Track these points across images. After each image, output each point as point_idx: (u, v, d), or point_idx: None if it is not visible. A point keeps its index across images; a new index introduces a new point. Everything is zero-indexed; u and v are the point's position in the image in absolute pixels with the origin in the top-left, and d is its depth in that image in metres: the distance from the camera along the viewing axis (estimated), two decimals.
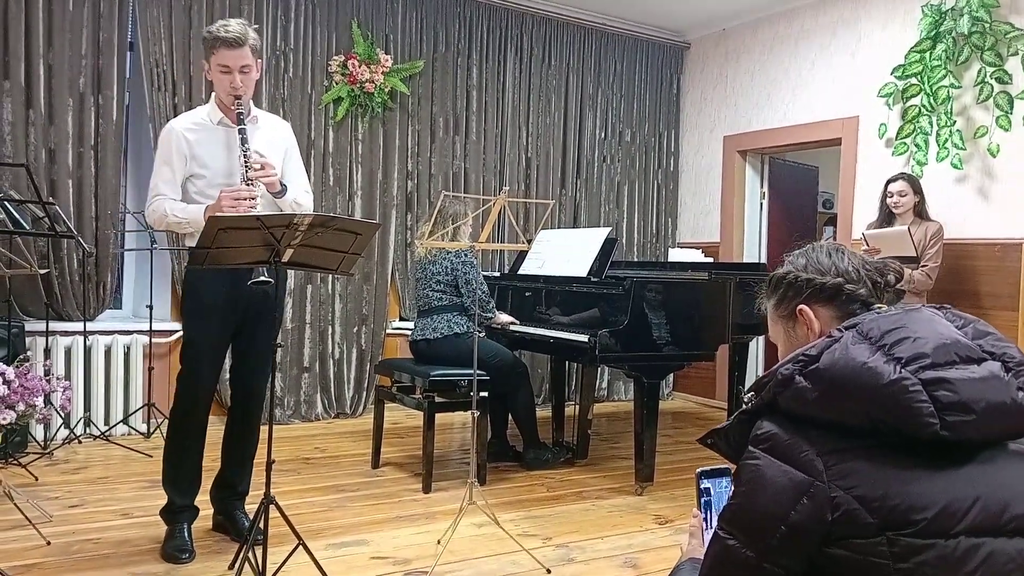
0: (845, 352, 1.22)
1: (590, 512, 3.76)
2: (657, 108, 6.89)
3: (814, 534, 1.17)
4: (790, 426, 1.23)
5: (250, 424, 3.22)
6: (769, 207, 6.66)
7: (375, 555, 3.13)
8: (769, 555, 1.20)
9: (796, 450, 1.20)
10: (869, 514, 1.14)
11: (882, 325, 1.25)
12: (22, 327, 4.47)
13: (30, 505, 3.36)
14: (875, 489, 1.15)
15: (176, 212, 2.99)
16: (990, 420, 1.18)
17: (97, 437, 4.71)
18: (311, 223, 2.55)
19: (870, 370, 1.19)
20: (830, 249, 1.50)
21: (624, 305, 3.99)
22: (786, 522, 1.18)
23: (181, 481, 3.11)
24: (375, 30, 5.62)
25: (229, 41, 2.93)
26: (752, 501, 1.23)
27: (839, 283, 1.43)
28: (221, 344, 3.11)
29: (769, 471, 1.21)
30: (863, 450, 1.18)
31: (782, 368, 1.26)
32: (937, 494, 1.15)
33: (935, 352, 1.20)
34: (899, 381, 1.17)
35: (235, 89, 2.95)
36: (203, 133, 3.05)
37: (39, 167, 4.58)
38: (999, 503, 1.17)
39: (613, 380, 6.79)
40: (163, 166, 3.03)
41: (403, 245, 5.85)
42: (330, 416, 5.61)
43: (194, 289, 3.04)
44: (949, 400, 1.16)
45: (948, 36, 4.95)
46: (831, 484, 1.16)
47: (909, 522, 1.13)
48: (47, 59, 4.63)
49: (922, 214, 4.73)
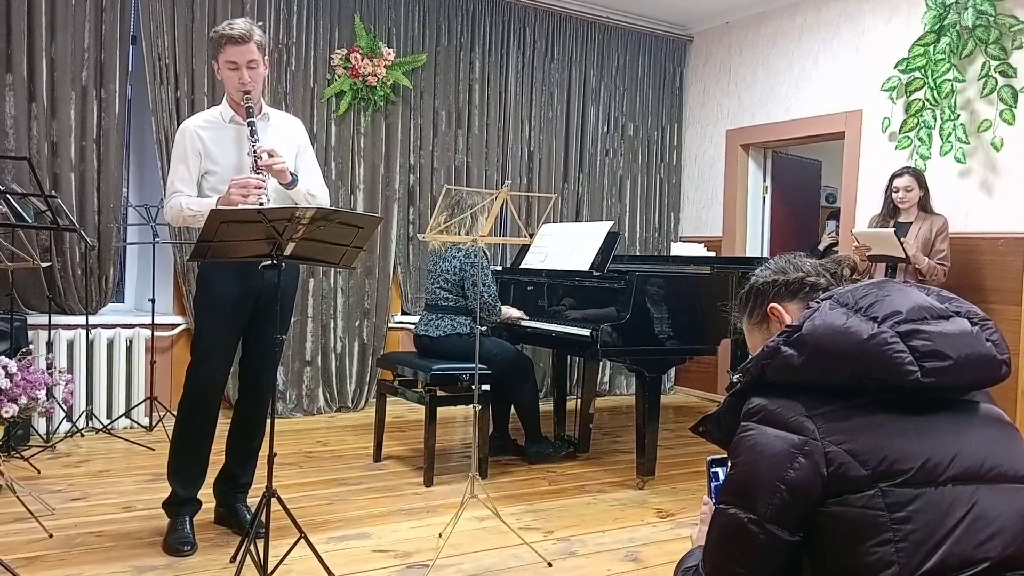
0: (824, 317, 1.30)
1: (591, 506, 3.77)
2: (660, 102, 6.87)
3: (812, 490, 1.23)
4: (779, 396, 1.30)
5: (257, 418, 3.23)
6: (772, 201, 6.65)
7: (377, 548, 3.13)
8: (772, 517, 1.25)
9: (787, 415, 1.27)
10: (861, 466, 1.21)
11: (856, 293, 1.34)
12: (24, 320, 4.47)
13: (32, 498, 3.38)
14: (864, 443, 1.23)
15: (191, 206, 3.06)
16: (965, 367, 1.26)
17: (99, 430, 4.72)
18: (313, 216, 2.55)
19: (849, 329, 1.27)
20: (785, 256, 1.62)
21: (626, 299, 3.99)
22: (785, 481, 1.24)
23: (186, 473, 3.11)
24: (377, 23, 5.61)
25: (235, 38, 2.99)
26: (751, 469, 1.28)
27: (800, 276, 1.54)
28: (233, 338, 3.13)
29: (763, 438, 1.28)
30: (850, 409, 1.26)
31: (768, 342, 1.34)
32: (922, 446, 1.23)
33: (909, 311, 1.28)
34: (878, 335, 1.25)
35: (243, 84, 3.01)
36: (215, 131, 3.11)
37: (42, 160, 4.58)
38: (977, 455, 1.25)
39: (615, 374, 6.79)
40: (179, 164, 3.10)
41: (405, 239, 5.85)
42: (332, 410, 5.62)
43: (207, 283, 3.07)
44: (926, 348, 1.24)
45: (952, 29, 4.93)
46: (823, 440, 1.24)
47: (898, 472, 1.21)
48: (50, 53, 4.62)
49: (926, 208, 4.72)
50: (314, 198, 3.19)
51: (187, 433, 3.10)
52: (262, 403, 3.22)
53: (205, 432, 3.11)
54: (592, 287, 4.27)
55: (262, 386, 3.20)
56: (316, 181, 3.28)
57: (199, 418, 3.09)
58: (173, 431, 3.14)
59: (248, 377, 3.23)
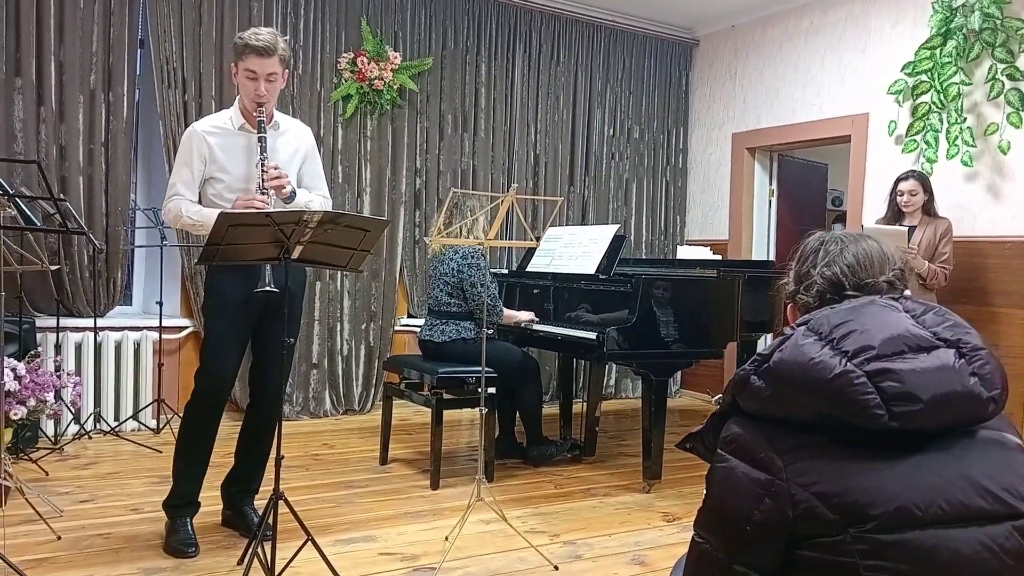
0: (794, 348, 1.23)
1: (598, 509, 3.77)
2: (666, 105, 6.87)
3: (779, 532, 1.18)
4: (751, 426, 1.25)
5: (268, 423, 3.22)
6: (778, 204, 6.64)
7: (383, 551, 3.14)
8: (738, 555, 1.22)
9: (757, 450, 1.22)
10: (829, 510, 1.14)
11: (832, 319, 1.25)
12: (33, 323, 4.49)
13: (41, 500, 3.39)
14: (834, 485, 1.15)
15: (191, 214, 3.05)
16: (940, 409, 1.17)
17: (107, 433, 4.73)
18: (320, 220, 2.57)
19: (816, 365, 1.19)
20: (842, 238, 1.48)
21: (632, 303, 3.99)
22: (751, 522, 1.19)
23: (191, 475, 3.12)
24: (384, 27, 5.62)
25: (259, 49, 2.97)
26: (720, 506, 1.25)
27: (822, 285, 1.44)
28: (241, 342, 3.14)
29: (733, 475, 1.23)
30: (821, 446, 1.19)
31: (740, 369, 1.28)
32: (898, 486, 1.14)
33: (882, 344, 1.19)
34: (845, 375, 1.17)
35: (259, 96, 2.99)
36: (224, 137, 3.10)
37: (50, 164, 4.60)
38: (963, 490, 1.16)
39: (621, 377, 6.79)
40: (183, 167, 3.09)
41: (411, 242, 5.86)
42: (338, 412, 5.63)
43: (217, 287, 3.08)
44: (895, 391, 1.16)
45: (959, 33, 4.92)
46: (790, 482, 1.17)
47: (869, 517, 1.13)
48: (58, 56, 4.65)
49: (931, 212, 4.71)
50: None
51: (194, 434, 3.11)
52: (273, 408, 3.21)
53: (211, 434, 3.13)
54: (598, 290, 4.27)
55: (271, 391, 3.21)
56: (321, 191, 3.30)
57: (207, 420, 3.10)
58: (180, 432, 3.15)
59: (258, 382, 3.24)
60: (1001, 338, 4.80)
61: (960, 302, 4.92)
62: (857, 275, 1.42)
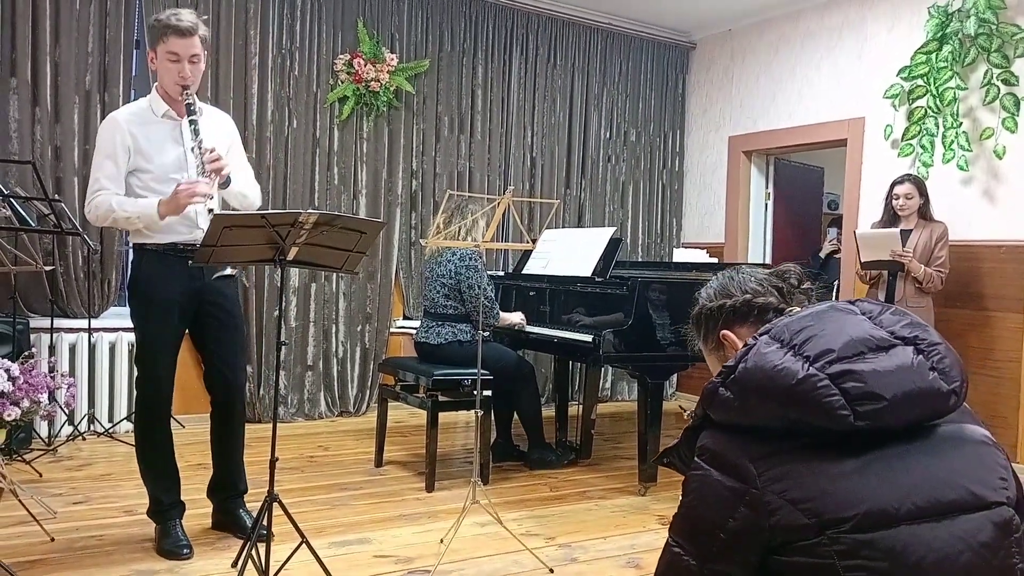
0: (757, 357, 1.25)
1: (593, 512, 3.76)
2: (662, 108, 6.88)
3: (753, 540, 1.19)
4: (724, 436, 1.26)
5: (234, 420, 3.21)
6: (774, 208, 6.65)
7: (378, 554, 3.13)
8: (709, 561, 1.23)
9: (731, 459, 1.23)
10: (803, 515, 1.16)
11: (791, 327, 1.27)
12: (27, 324, 4.48)
13: (34, 501, 3.38)
14: (807, 490, 1.17)
15: (126, 207, 2.89)
16: (903, 406, 1.19)
17: (101, 434, 4.72)
18: (316, 222, 2.56)
19: (780, 371, 1.21)
20: (728, 274, 1.56)
21: (628, 305, 3.99)
22: (724, 530, 1.21)
23: (164, 480, 3.10)
24: (381, 29, 5.62)
25: (180, 29, 2.87)
26: (695, 514, 1.27)
27: (747, 299, 1.48)
28: (176, 341, 3.08)
29: (709, 481, 1.24)
30: (793, 452, 1.20)
31: (708, 382, 1.30)
32: (871, 486, 1.17)
33: (843, 347, 1.22)
34: (808, 379, 1.19)
35: (183, 79, 2.89)
36: (148, 127, 2.96)
37: (45, 164, 4.59)
38: (935, 487, 1.18)
39: (617, 380, 6.79)
40: (106, 160, 2.92)
41: (407, 244, 5.86)
42: (333, 415, 5.62)
43: (142, 289, 2.99)
44: (858, 391, 1.18)
45: (954, 37, 4.93)
46: (764, 489, 1.18)
47: (843, 519, 1.15)
48: (54, 57, 4.64)
49: (926, 216, 4.71)
50: (246, 197, 3.14)
51: (153, 442, 3.08)
52: (238, 404, 3.21)
53: (167, 437, 3.10)
54: (594, 293, 4.27)
55: (234, 387, 3.18)
56: (249, 179, 3.20)
57: (159, 426, 3.07)
58: (136, 443, 3.11)
59: (219, 381, 3.17)
60: (995, 342, 4.82)
61: (955, 306, 4.93)
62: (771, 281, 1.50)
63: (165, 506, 3.09)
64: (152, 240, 2.97)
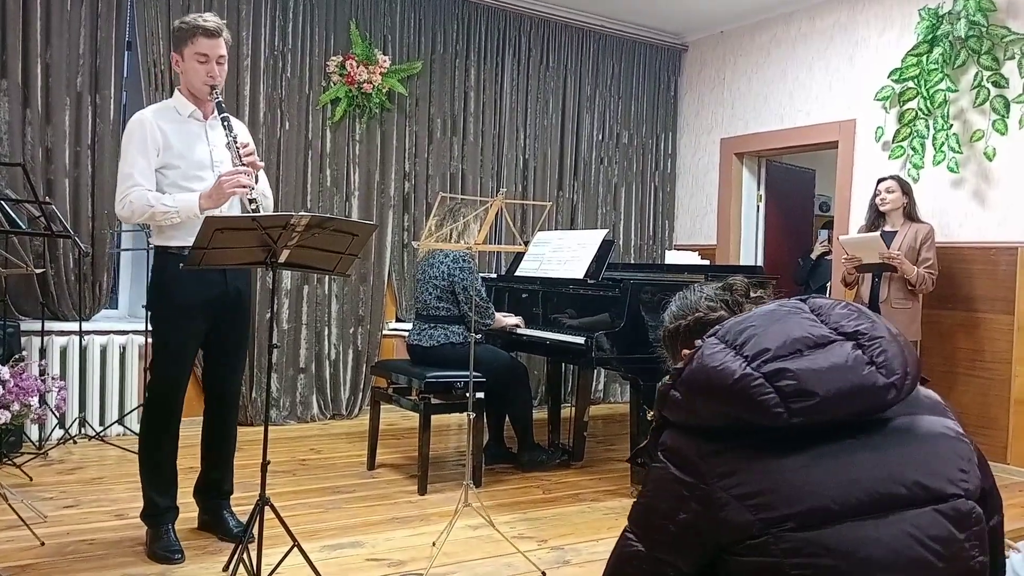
0: (701, 358, 1.28)
1: (586, 514, 3.76)
2: (654, 110, 6.89)
3: (700, 537, 1.23)
4: (681, 434, 1.29)
5: (227, 424, 3.23)
6: (766, 210, 6.67)
7: (370, 557, 3.12)
8: (657, 550, 1.28)
9: (684, 455, 1.26)
10: (748, 512, 1.18)
11: (736, 327, 1.30)
12: (17, 327, 4.46)
13: (24, 505, 3.36)
14: (751, 486, 1.19)
15: (165, 202, 2.91)
16: (837, 402, 1.20)
17: (92, 437, 4.70)
18: (308, 224, 2.56)
19: (720, 372, 1.23)
20: (683, 294, 1.63)
21: (620, 307, 3.99)
22: (675, 522, 1.24)
23: (164, 483, 3.09)
24: (373, 31, 5.62)
25: (209, 30, 2.94)
26: (649, 505, 1.31)
27: (698, 316, 1.55)
28: (194, 346, 3.11)
29: (666, 475, 1.28)
30: (740, 449, 1.22)
31: (661, 383, 1.34)
32: (813, 483, 1.18)
33: (780, 346, 1.23)
34: (744, 378, 1.21)
35: (212, 79, 2.96)
36: (177, 125, 3.02)
37: (36, 166, 4.57)
38: (879, 481, 1.18)
39: (609, 382, 6.79)
40: (139, 156, 2.94)
41: (400, 246, 5.85)
42: (326, 417, 5.60)
43: (168, 292, 3.01)
44: (791, 388, 1.19)
45: (945, 40, 4.95)
46: (714, 485, 1.21)
47: (786, 516, 1.16)
48: (45, 58, 4.62)
49: (912, 216, 4.74)
50: (267, 198, 3.18)
51: (159, 444, 3.07)
52: (232, 408, 3.23)
53: (174, 440, 3.10)
54: (586, 295, 4.28)
55: (230, 392, 3.21)
56: (265, 182, 3.28)
57: (169, 428, 3.07)
58: (141, 443, 3.11)
59: (216, 384, 3.20)
60: (986, 344, 4.84)
61: (945, 308, 4.95)
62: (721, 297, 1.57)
63: (160, 509, 3.08)
64: (177, 243, 2.98)
